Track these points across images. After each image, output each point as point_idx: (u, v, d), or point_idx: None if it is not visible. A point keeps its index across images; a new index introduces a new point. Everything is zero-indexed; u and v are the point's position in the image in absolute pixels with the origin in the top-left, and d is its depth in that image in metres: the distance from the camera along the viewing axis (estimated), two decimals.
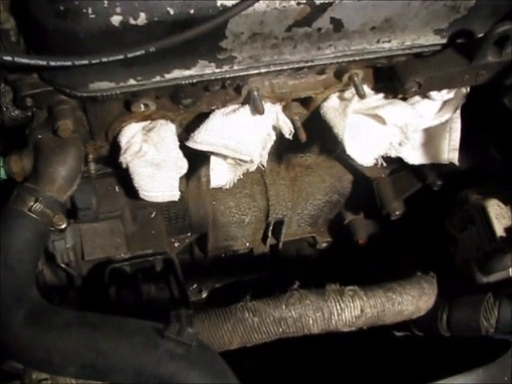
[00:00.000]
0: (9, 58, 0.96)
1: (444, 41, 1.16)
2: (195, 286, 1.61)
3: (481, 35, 1.14)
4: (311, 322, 1.04)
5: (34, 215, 1.04)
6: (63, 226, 1.07)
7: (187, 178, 1.32)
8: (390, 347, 1.41)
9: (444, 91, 1.22)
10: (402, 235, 1.50)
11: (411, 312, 1.12)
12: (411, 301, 1.10)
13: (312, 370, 1.47)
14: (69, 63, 0.96)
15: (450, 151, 1.30)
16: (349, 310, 1.05)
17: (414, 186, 1.41)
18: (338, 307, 1.05)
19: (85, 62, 0.96)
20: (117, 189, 1.30)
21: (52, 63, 0.96)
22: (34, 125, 1.10)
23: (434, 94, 1.22)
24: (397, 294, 1.09)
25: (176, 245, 1.46)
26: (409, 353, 1.41)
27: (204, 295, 1.61)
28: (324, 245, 1.64)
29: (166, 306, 1.25)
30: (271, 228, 1.53)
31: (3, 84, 1.08)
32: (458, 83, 1.18)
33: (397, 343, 1.37)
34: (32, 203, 1.04)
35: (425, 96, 1.23)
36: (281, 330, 1.04)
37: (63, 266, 1.29)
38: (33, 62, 0.96)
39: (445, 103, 1.26)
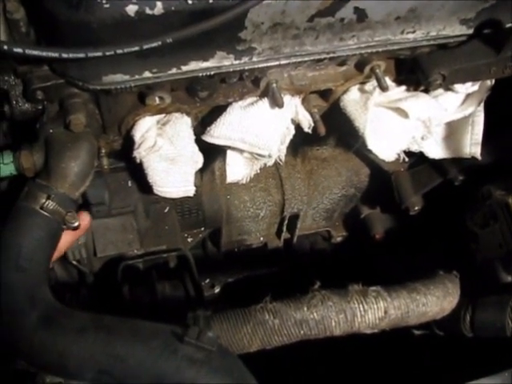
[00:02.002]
0: (19, 50, 0.91)
1: (470, 31, 1.11)
2: (208, 280, 1.58)
3: (509, 25, 1.09)
4: (334, 324, 1.00)
5: (46, 213, 1.00)
6: (76, 224, 1.04)
7: (201, 171, 1.29)
8: (408, 345, 1.37)
9: (468, 84, 1.18)
10: (421, 230, 1.47)
11: (435, 313, 1.09)
12: (436, 302, 1.07)
13: (329, 369, 1.44)
14: (82, 55, 0.92)
15: (473, 145, 1.26)
16: (372, 312, 1.02)
17: (435, 180, 1.38)
18: (362, 309, 1.01)
19: (99, 53, 0.92)
20: (129, 184, 1.27)
21: (64, 55, 0.92)
22: (45, 119, 1.06)
23: (457, 86, 1.18)
24: (421, 294, 1.06)
25: (189, 240, 1.43)
26: (428, 352, 1.38)
27: (217, 290, 1.58)
28: (339, 239, 1.61)
29: (181, 305, 1.22)
30: (286, 222, 1.50)
31: (13, 76, 1.04)
32: (484, 76, 1.14)
33: (416, 342, 1.34)
34: (44, 200, 1.00)
35: (448, 88, 1.19)
36: (302, 332, 1.00)
37: (75, 262, 1.25)
38: (44, 54, 0.92)
39: (468, 96, 1.22)
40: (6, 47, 0.91)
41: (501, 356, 1.14)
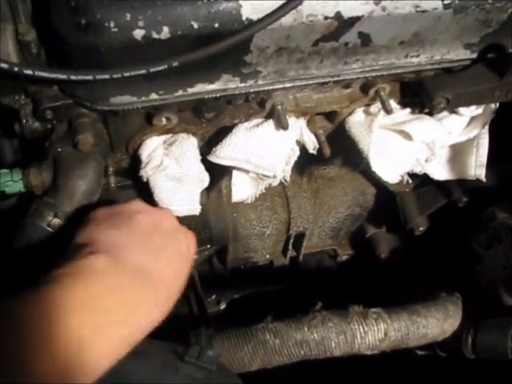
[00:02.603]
0: (29, 72, 0.94)
1: (474, 55, 1.12)
2: (214, 297, 1.59)
3: None
4: (334, 344, 1.01)
5: (52, 231, 1.02)
6: None
7: (208, 190, 1.30)
8: (410, 365, 1.38)
9: (473, 107, 1.19)
10: (426, 251, 1.47)
11: (436, 335, 1.09)
12: (436, 324, 1.08)
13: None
14: (90, 77, 0.94)
15: (477, 167, 1.27)
16: (372, 334, 1.03)
17: (439, 201, 1.38)
18: (362, 330, 1.02)
19: (106, 76, 0.94)
20: None
21: (73, 77, 0.94)
22: (54, 138, 1.08)
23: (462, 109, 1.19)
24: (422, 316, 1.06)
25: (196, 257, 1.44)
26: (430, 372, 1.38)
27: (222, 306, 1.59)
28: (345, 257, 1.61)
29: (184, 322, 1.23)
30: (292, 240, 1.51)
31: (23, 96, 1.06)
32: (487, 99, 1.15)
33: (418, 362, 1.34)
34: (51, 218, 1.03)
35: (453, 111, 1.20)
36: (302, 352, 1.01)
37: None
38: (53, 75, 0.94)
39: (473, 119, 1.23)
40: (16, 69, 0.94)
41: (503, 378, 1.14)
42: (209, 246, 1.45)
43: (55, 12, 0.95)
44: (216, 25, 0.95)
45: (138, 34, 0.93)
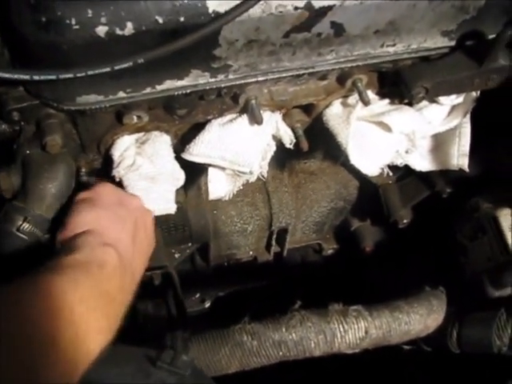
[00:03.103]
0: None
1: (452, 43, 1.10)
2: (198, 295, 1.56)
3: (491, 37, 1.08)
4: (313, 345, 0.99)
5: (22, 235, 1.00)
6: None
7: (186, 187, 1.27)
8: (395, 361, 1.36)
9: (453, 96, 1.16)
10: (410, 243, 1.45)
11: (419, 331, 1.07)
12: (419, 320, 1.05)
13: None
14: (53, 77, 0.91)
15: (460, 157, 1.24)
16: (352, 332, 1.00)
17: (422, 193, 1.35)
18: (342, 329, 1.00)
19: (70, 75, 0.91)
20: None
21: (36, 77, 0.91)
22: (22, 140, 1.05)
23: (442, 98, 1.16)
24: (404, 313, 1.04)
25: (176, 255, 1.41)
26: (417, 367, 1.36)
27: (207, 305, 1.57)
28: (330, 251, 1.59)
29: (163, 324, 1.21)
30: (275, 236, 1.48)
31: None
32: (467, 88, 1.12)
33: (404, 357, 1.32)
34: (20, 222, 1.00)
35: (433, 101, 1.17)
36: (281, 353, 0.99)
37: None
38: (15, 76, 0.91)
39: (454, 108, 1.20)
40: None
41: (488, 373, 1.12)
42: (190, 244, 1.42)
43: (15, 10, 0.92)
44: (181, 19, 0.92)
45: (101, 30, 0.90)
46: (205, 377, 0.93)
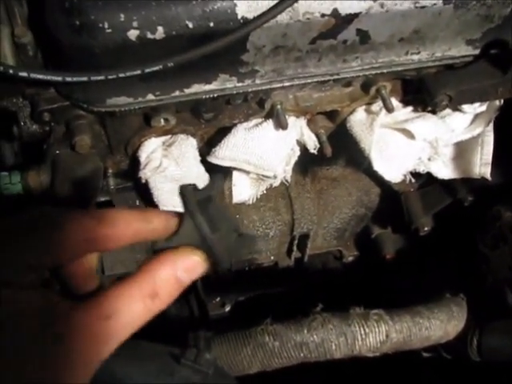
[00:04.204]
0: (24, 74, 0.93)
1: (476, 51, 1.10)
2: (218, 299, 1.58)
3: None
4: (334, 347, 1.00)
5: None
6: None
7: None
8: (415, 368, 1.36)
9: (476, 104, 1.17)
10: (431, 251, 1.45)
11: (439, 337, 1.07)
12: (439, 325, 1.06)
13: None
14: (85, 79, 0.94)
15: (482, 165, 1.24)
16: (373, 335, 1.01)
17: (444, 201, 1.36)
18: (363, 332, 1.01)
19: (101, 77, 0.93)
20: (137, 203, 1.28)
21: (68, 79, 0.94)
22: (52, 140, 1.07)
23: (465, 106, 1.17)
24: (424, 318, 1.05)
25: None
26: (436, 375, 1.36)
27: (227, 309, 1.58)
28: (350, 258, 1.59)
29: (185, 324, 1.22)
30: (296, 242, 1.49)
31: (21, 99, 1.06)
32: (491, 96, 1.13)
33: (423, 364, 1.32)
34: None
35: (456, 109, 1.18)
36: (302, 355, 1.00)
37: None
38: (48, 77, 0.94)
39: (477, 116, 1.21)
40: (11, 71, 0.94)
41: (508, 381, 1.12)
42: None
43: (50, 14, 0.95)
44: (211, 24, 0.94)
45: (133, 34, 0.92)
46: (228, 376, 0.95)
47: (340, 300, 1.29)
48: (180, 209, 1.15)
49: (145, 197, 1.25)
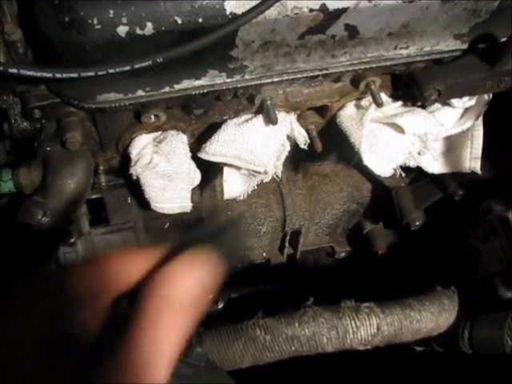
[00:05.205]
0: (14, 71, 0.94)
1: (465, 46, 1.11)
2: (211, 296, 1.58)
3: (504, 39, 1.09)
4: (325, 340, 1.00)
5: (41, 229, 1.02)
6: (72, 240, 1.06)
7: (201, 187, 1.29)
8: (407, 361, 1.36)
9: (465, 98, 1.18)
10: (423, 245, 1.46)
11: (430, 329, 1.08)
12: (430, 318, 1.06)
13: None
14: (75, 75, 0.94)
15: (472, 160, 1.25)
16: (364, 328, 1.01)
17: (435, 195, 1.37)
18: (354, 325, 1.01)
19: (91, 73, 0.94)
20: (129, 200, 1.28)
21: (58, 75, 0.94)
22: (43, 137, 1.08)
23: (454, 101, 1.18)
24: (415, 311, 1.05)
25: None
26: (430, 369, 1.37)
27: (220, 306, 1.58)
28: (343, 254, 1.60)
29: None
30: (288, 238, 1.50)
31: (12, 96, 1.07)
32: (479, 90, 1.14)
33: (417, 358, 1.33)
34: (40, 217, 1.03)
35: (445, 103, 1.19)
36: (294, 348, 1.00)
37: None
38: (38, 74, 0.94)
39: (466, 110, 1.22)
40: (1, 68, 0.94)
41: (500, 373, 1.13)
42: None
43: (39, 10, 0.95)
44: (200, 20, 0.94)
45: (122, 30, 0.93)
46: (219, 369, 0.95)
47: (332, 296, 1.30)
48: (170, 205, 1.17)
49: (136, 194, 1.25)
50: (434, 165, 1.28)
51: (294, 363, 1.07)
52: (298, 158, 1.38)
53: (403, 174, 1.20)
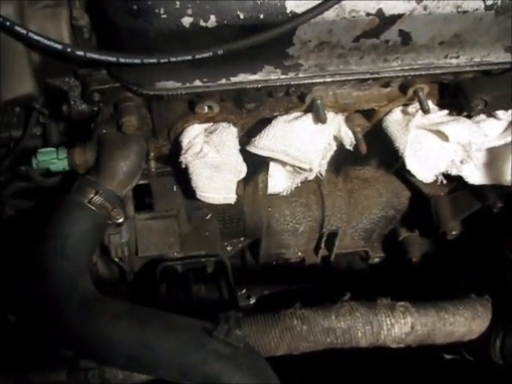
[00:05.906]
0: (81, 53, 0.99)
1: None
2: (244, 291, 1.61)
3: None
4: (360, 334, 1.03)
5: (93, 207, 1.05)
6: (121, 220, 1.09)
7: (244, 182, 1.33)
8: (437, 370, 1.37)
9: (511, 111, 1.20)
10: (458, 256, 1.47)
11: (463, 334, 1.09)
12: (463, 322, 1.08)
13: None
14: (138, 61, 0.99)
15: None
16: (399, 326, 1.03)
17: (473, 206, 1.38)
18: (388, 322, 1.03)
19: (153, 60, 0.98)
20: (174, 188, 1.32)
21: (122, 60, 0.99)
22: (100, 120, 1.12)
23: (500, 113, 1.20)
24: (449, 313, 1.07)
25: (228, 248, 1.46)
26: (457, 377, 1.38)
27: (252, 301, 1.61)
28: (376, 260, 1.62)
29: (215, 307, 1.26)
30: (324, 239, 1.52)
31: (73, 78, 1.11)
32: None
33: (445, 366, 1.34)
34: (92, 195, 1.06)
35: (490, 115, 1.21)
36: (329, 340, 1.03)
37: (117, 260, 1.30)
38: (103, 57, 0.99)
39: (511, 123, 1.23)
40: (69, 50, 0.99)
41: None
42: (242, 239, 1.48)
43: None
44: (261, 16, 0.98)
45: (187, 21, 0.97)
46: (256, 352, 0.97)
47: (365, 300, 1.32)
48: (216, 195, 1.21)
49: (182, 182, 1.29)
50: (475, 175, 1.30)
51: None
52: (339, 162, 1.41)
53: (444, 181, 1.22)
